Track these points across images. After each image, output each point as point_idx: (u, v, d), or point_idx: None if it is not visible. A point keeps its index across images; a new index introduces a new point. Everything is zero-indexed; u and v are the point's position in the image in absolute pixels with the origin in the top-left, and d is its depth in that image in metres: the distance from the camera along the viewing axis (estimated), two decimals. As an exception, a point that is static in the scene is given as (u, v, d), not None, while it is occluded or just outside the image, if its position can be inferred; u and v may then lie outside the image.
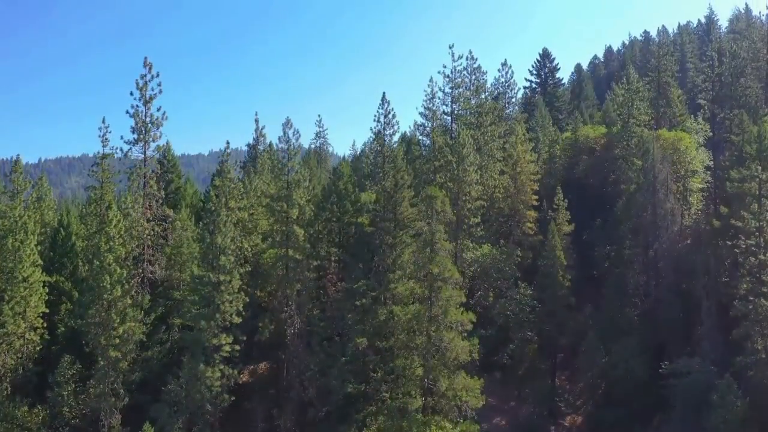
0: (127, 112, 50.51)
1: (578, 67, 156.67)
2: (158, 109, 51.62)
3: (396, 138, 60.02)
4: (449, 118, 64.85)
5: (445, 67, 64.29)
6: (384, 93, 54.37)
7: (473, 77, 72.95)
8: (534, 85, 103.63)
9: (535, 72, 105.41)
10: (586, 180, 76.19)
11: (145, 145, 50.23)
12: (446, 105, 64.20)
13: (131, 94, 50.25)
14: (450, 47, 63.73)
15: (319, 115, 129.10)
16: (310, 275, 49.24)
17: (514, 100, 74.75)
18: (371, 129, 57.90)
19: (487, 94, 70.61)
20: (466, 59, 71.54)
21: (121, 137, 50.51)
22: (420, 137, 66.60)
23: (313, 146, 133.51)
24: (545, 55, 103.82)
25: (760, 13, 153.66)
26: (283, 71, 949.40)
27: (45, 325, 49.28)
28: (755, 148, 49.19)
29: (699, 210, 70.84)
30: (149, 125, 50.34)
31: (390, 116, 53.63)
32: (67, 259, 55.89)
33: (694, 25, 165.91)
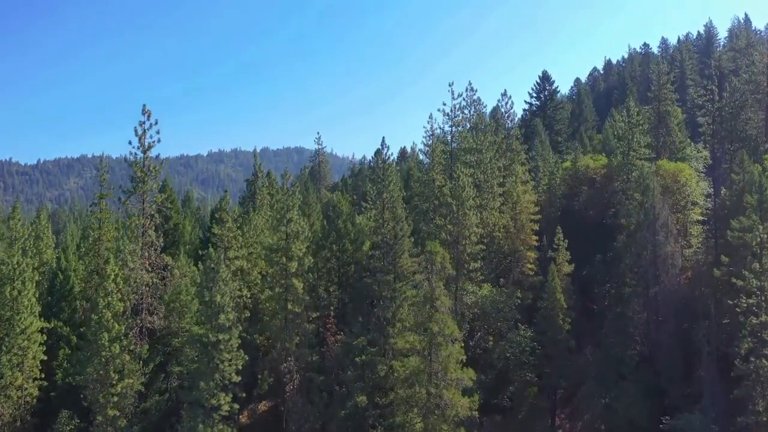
0: (126, 160, 50.30)
1: (577, 81, 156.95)
2: (156, 157, 51.48)
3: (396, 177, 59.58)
4: (449, 155, 64.47)
5: (444, 105, 64.14)
6: (383, 138, 54.31)
7: (473, 108, 72.85)
8: (534, 108, 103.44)
9: (534, 95, 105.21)
10: (586, 211, 75.89)
11: (143, 194, 49.88)
12: (446, 144, 63.89)
13: (130, 142, 50.05)
14: (450, 85, 63.56)
15: (318, 133, 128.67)
16: (310, 327, 49.00)
17: (513, 131, 74.19)
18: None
19: (485, 126, 70.17)
20: (466, 90, 71.45)
21: (120, 186, 50.31)
22: (419, 174, 66.13)
23: (313, 162, 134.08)
24: (545, 78, 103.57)
25: (759, 29, 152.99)
26: (288, 73, 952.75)
27: (43, 375, 49.19)
28: (756, 198, 48.95)
29: (699, 243, 70.64)
30: (147, 174, 50.01)
31: (389, 161, 53.42)
32: (65, 303, 55.73)
33: (694, 36, 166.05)
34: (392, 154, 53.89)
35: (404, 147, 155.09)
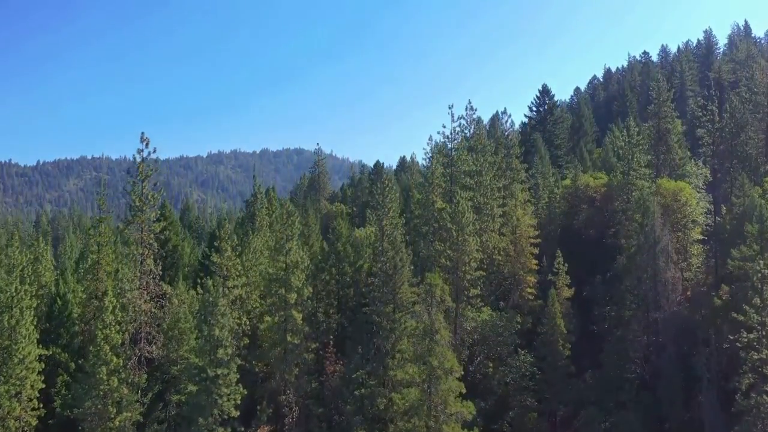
0: (125, 189, 50.14)
1: (577, 90, 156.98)
2: (155, 185, 51.21)
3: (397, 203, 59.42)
4: (448, 178, 64.18)
5: (444, 127, 64.04)
6: (381, 163, 54.52)
7: (472, 128, 72.64)
8: (534, 122, 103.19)
9: (534, 108, 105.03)
10: (585, 230, 75.75)
11: (141, 224, 49.59)
12: (445, 166, 63.61)
13: (128, 172, 49.80)
14: (449, 108, 63.50)
15: (317, 144, 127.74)
16: (309, 357, 48.84)
17: (513, 150, 73.96)
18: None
19: (484, 147, 69.86)
20: (466, 110, 71.23)
21: (118, 216, 50.14)
22: (419, 196, 65.85)
23: (312, 173, 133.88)
24: (544, 92, 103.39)
25: (758, 37, 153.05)
26: (288, 75, 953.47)
27: (41, 405, 48.82)
28: (757, 228, 48.80)
29: (699, 263, 70.46)
30: (145, 203, 49.69)
31: (388, 189, 53.23)
32: (63, 329, 55.46)
33: (694, 44, 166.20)
34: (391, 174, 53.17)
35: (404, 156, 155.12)
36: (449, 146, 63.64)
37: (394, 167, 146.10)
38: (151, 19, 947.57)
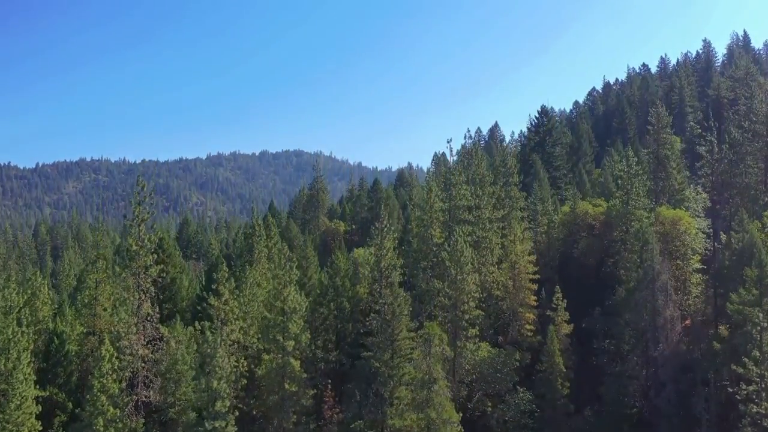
0: (121, 233, 50.00)
1: (576, 104, 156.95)
2: (152, 227, 51.07)
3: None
4: (447, 213, 64.02)
5: (443, 158, 63.85)
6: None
7: (471, 156, 72.62)
8: (533, 143, 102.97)
9: (533, 129, 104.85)
10: (585, 259, 75.57)
11: (138, 268, 49.34)
12: (443, 201, 63.44)
13: (125, 216, 49.64)
14: (448, 141, 63.89)
15: (317, 159, 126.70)
16: (307, 402, 48.68)
17: (512, 179, 73.85)
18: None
19: (483, 177, 69.74)
20: (465, 138, 71.50)
21: (115, 261, 49.97)
22: (417, 229, 65.63)
23: (311, 189, 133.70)
24: (543, 113, 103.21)
25: (757, 48, 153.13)
26: (288, 76, 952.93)
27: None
28: (756, 273, 48.67)
29: (699, 292, 70.32)
30: (142, 247, 49.46)
31: (387, 229, 53.09)
32: (61, 368, 55.29)
33: (693, 56, 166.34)
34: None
35: (402, 169, 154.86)
36: (448, 180, 63.40)
37: (394, 169, 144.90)
38: (151, 23, 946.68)
